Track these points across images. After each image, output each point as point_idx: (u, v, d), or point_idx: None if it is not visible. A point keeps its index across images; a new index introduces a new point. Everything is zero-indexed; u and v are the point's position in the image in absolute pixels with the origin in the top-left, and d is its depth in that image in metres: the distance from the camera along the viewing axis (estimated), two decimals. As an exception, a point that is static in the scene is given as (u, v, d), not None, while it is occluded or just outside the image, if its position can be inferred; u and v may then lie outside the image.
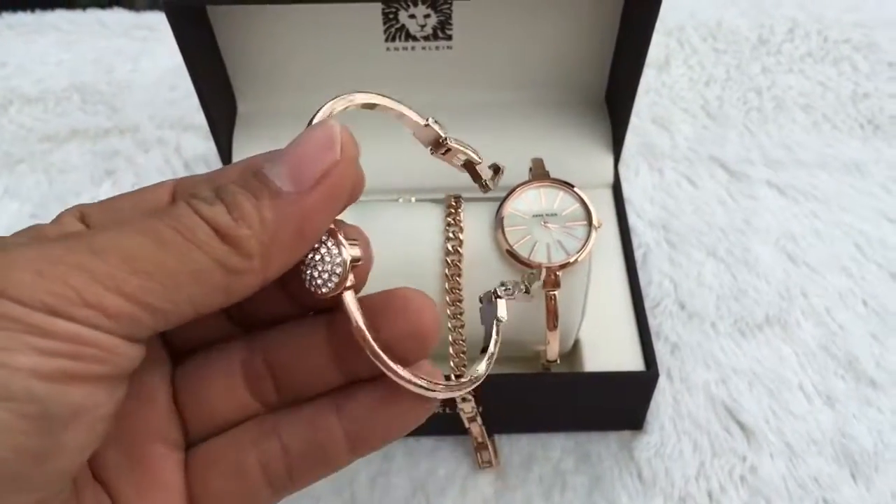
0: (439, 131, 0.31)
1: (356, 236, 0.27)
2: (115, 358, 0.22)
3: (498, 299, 0.30)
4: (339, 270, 0.25)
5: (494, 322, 0.30)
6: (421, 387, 0.26)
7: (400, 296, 0.26)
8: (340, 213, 0.26)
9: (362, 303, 0.26)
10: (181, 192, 0.27)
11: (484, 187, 0.35)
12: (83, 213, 0.26)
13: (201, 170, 0.64)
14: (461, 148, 0.33)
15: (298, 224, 0.24)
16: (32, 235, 0.25)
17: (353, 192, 0.26)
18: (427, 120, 0.31)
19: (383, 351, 0.25)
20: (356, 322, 0.25)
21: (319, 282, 0.25)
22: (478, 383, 0.28)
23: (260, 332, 0.28)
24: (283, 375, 0.28)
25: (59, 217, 0.26)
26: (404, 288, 0.27)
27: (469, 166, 0.34)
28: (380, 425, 0.27)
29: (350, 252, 0.25)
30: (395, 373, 0.25)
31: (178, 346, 0.28)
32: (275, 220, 0.23)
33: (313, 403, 0.27)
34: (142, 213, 0.25)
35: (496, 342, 0.29)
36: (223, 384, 0.27)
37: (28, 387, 0.20)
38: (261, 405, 0.28)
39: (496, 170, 0.35)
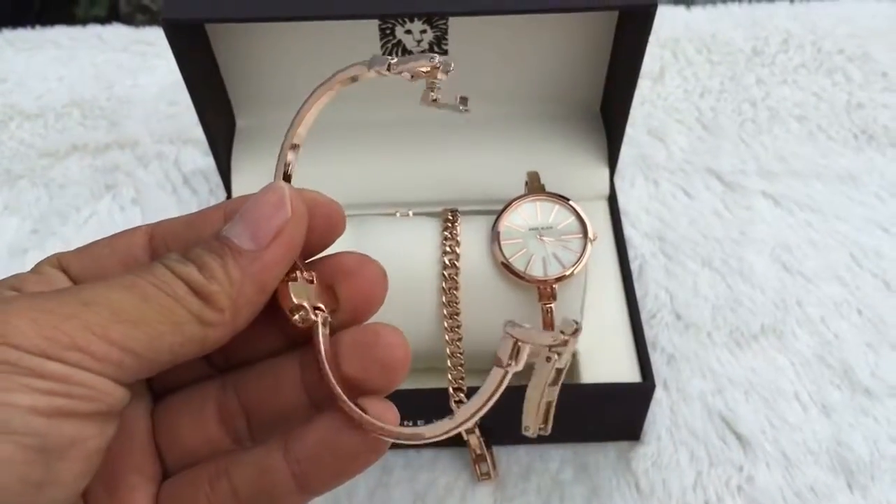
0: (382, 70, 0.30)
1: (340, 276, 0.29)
2: (104, 397, 0.24)
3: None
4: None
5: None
6: (369, 423, 0.26)
7: (371, 331, 0.28)
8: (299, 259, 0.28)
9: (338, 337, 0.28)
10: (158, 237, 0.29)
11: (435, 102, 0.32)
12: (61, 261, 0.28)
13: (201, 184, 0.64)
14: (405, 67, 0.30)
15: (260, 277, 0.26)
16: (13, 285, 0.27)
17: (334, 227, 0.29)
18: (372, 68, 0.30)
19: (342, 384, 0.27)
20: (318, 353, 0.27)
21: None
22: (421, 441, 0.28)
23: (235, 371, 0.30)
24: (256, 413, 0.29)
25: (37, 267, 0.28)
26: (378, 323, 0.28)
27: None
28: (326, 466, 0.27)
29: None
30: (346, 404, 0.26)
31: (159, 384, 0.30)
32: (240, 276, 0.26)
33: (264, 444, 0.28)
34: (120, 261, 0.28)
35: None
36: (197, 421, 0.29)
37: (27, 422, 0.22)
38: (232, 442, 0.29)
39: (463, 101, 0.33)
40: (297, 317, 0.27)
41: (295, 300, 0.27)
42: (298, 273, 0.28)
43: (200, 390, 0.30)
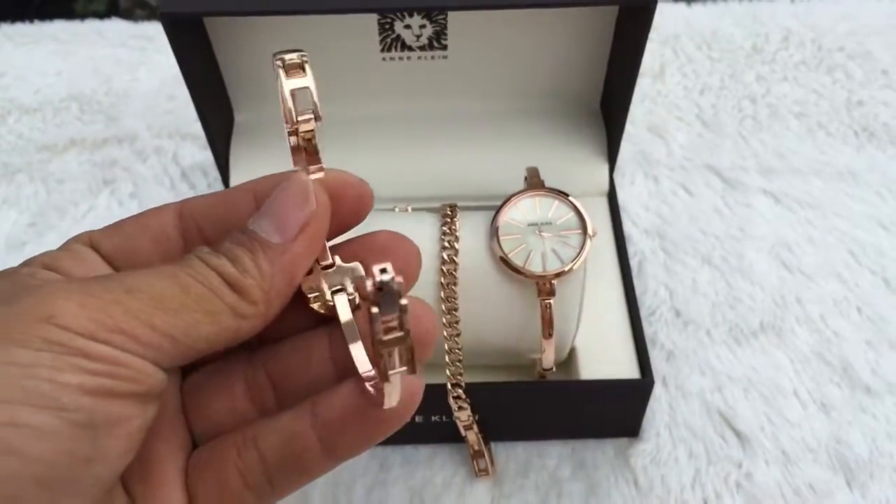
0: None
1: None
2: (146, 378, 0.25)
3: None
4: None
5: None
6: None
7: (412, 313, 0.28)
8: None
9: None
10: (187, 215, 0.30)
11: None
12: (92, 239, 0.29)
13: (199, 179, 0.64)
14: None
15: (289, 269, 0.27)
16: (47, 263, 0.27)
17: (363, 206, 0.30)
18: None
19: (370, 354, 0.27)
20: (344, 319, 0.28)
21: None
22: None
23: (264, 346, 0.31)
24: (284, 385, 0.30)
25: (68, 244, 0.29)
26: (412, 298, 0.28)
27: None
28: (353, 431, 0.28)
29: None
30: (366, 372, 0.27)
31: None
32: (270, 269, 0.27)
33: (290, 411, 0.28)
34: (152, 239, 0.29)
35: None
36: (226, 394, 0.30)
37: (76, 400, 0.23)
38: (259, 413, 0.30)
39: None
40: (317, 304, 0.29)
41: (312, 285, 0.29)
42: (315, 263, 0.29)
43: (229, 365, 0.31)
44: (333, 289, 0.29)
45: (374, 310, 0.23)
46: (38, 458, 0.22)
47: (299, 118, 0.27)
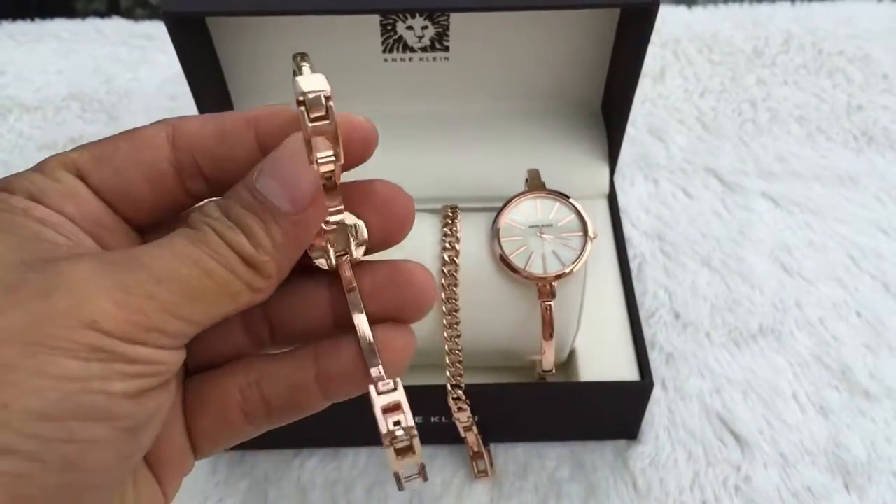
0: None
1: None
2: (174, 367, 0.25)
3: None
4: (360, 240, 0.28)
5: None
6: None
7: (404, 269, 0.29)
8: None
9: (368, 268, 0.29)
10: (182, 147, 0.28)
11: None
12: (78, 167, 0.27)
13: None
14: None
15: (301, 238, 0.27)
16: (31, 193, 0.26)
17: (366, 151, 0.28)
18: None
19: (371, 316, 0.28)
20: (347, 283, 0.28)
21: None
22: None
23: None
24: (281, 325, 0.30)
25: (51, 169, 0.27)
26: (407, 262, 0.29)
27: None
28: (355, 382, 0.29)
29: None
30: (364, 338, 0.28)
31: None
32: (283, 240, 0.26)
33: (294, 356, 0.29)
34: (145, 177, 0.27)
35: None
36: (221, 325, 0.29)
37: (123, 407, 0.24)
38: (252, 345, 0.30)
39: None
40: (321, 260, 0.29)
41: (316, 245, 0.28)
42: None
43: None
44: (338, 253, 0.29)
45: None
46: (94, 468, 0.23)
47: (319, 159, 0.26)
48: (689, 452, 0.49)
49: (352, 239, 0.28)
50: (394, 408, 0.28)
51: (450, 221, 0.45)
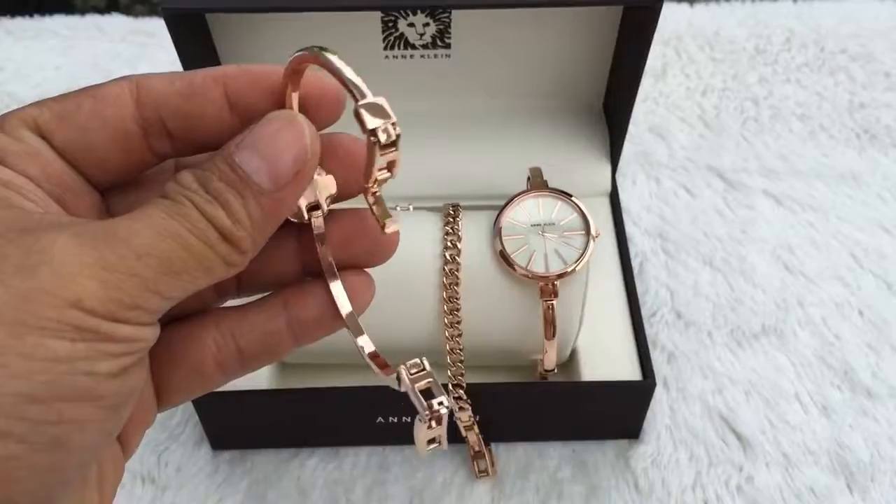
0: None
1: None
2: (152, 342, 0.25)
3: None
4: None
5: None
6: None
7: (369, 218, 0.29)
8: None
9: (335, 216, 0.30)
10: (147, 104, 0.27)
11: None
12: (40, 126, 0.26)
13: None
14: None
15: (278, 214, 0.27)
16: None
17: (335, 114, 0.29)
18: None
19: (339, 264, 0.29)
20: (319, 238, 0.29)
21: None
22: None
23: None
24: (248, 274, 0.29)
25: (11, 127, 0.26)
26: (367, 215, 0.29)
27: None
28: (324, 327, 0.30)
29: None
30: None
31: None
32: (261, 216, 0.26)
33: (264, 306, 0.30)
34: (111, 137, 0.27)
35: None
36: None
37: (109, 386, 0.24)
38: (216, 294, 0.31)
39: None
40: (292, 216, 0.29)
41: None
42: None
43: None
44: (309, 205, 0.29)
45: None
46: (81, 447, 0.24)
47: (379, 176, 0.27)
48: (691, 452, 0.49)
49: (322, 194, 0.29)
50: (427, 389, 0.29)
51: (451, 220, 0.45)
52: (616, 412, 0.48)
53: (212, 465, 0.49)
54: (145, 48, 0.75)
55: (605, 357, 0.48)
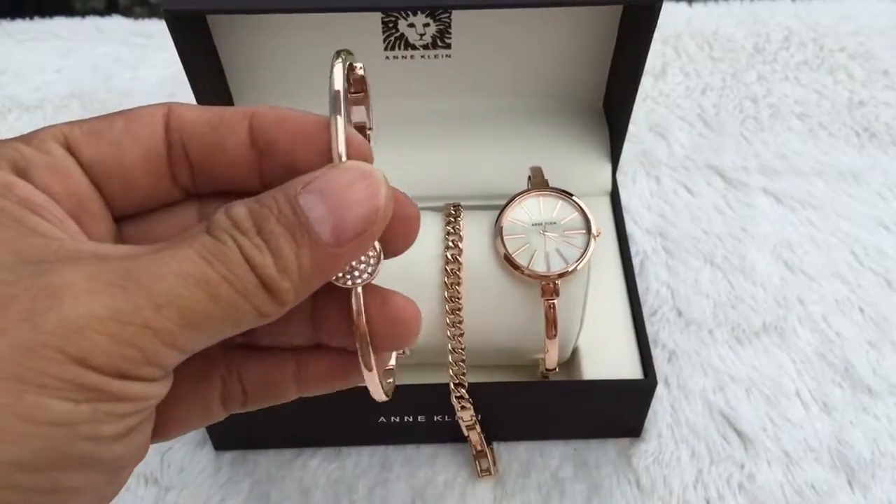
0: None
1: None
2: (162, 396, 0.24)
3: None
4: (370, 269, 0.26)
5: None
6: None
7: (393, 304, 0.27)
8: None
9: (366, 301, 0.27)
10: (174, 130, 0.26)
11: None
12: (69, 141, 0.25)
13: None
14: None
15: (329, 273, 0.25)
16: (17, 165, 0.24)
17: (409, 233, 0.28)
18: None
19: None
20: (358, 311, 0.26)
21: (348, 275, 0.26)
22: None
23: None
24: (259, 330, 0.27)
25: (42, 141, 0.25)
26: (398, 295, 0.27)
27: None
28: (330, 385, 0.29)
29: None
30: (368, 365, 0.27)
31: None
32: (311, 270, 0.24)
33: (276, 361, 0.28)
34: (143, 156, 0.26)
35: None
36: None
37: (112, 451, 0.22)
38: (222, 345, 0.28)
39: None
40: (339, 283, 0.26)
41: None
42: None
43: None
44: (360, 274, 0.26)
45: None
46: None
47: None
48: (693, 450, 0.49)
49: (371, 260, 0.26)
50: None
51: (452, 220, 0.45)
52: (617, 411, 0.49)
53: (214, 466, 0.49)
54: (145, 50, 0.75)
55: (607, 356, 0.48)
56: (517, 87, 0.57)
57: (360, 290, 0.26)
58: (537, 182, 0.47)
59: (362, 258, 0.26)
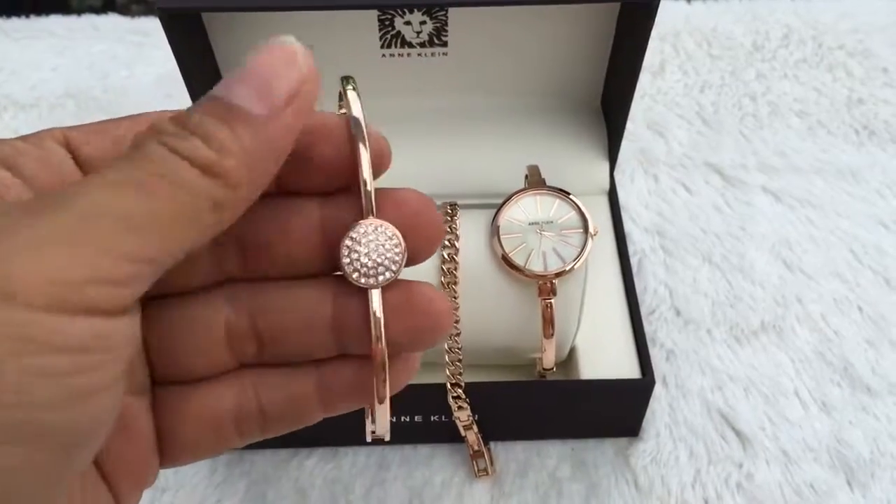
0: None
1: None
2: (125, 343, 0.20)
3: None
4: (395, 266, 0.24)
5: None
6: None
7: (425, 296, 0.25)
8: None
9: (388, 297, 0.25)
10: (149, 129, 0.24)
11: None
12: (68, 139, 0.24)
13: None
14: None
15: (275, 146, 0.22)
16: (6, 158, 0.23)
17: (381, 162, 0.25)
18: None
19: (388, 344, 0.24)
20: (376, 314, 0.24)
21: (371, 272, 0.24)
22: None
23: (247, 284, 0.26)
24: (273, 344, 0.26)
25: (39, 138, 0.24)
26: (427, 286, 0.25)
27: None
28: (356, 399, 0.26)
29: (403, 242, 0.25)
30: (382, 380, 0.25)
31: (156, 287, 0.23)
32: (253, 144, 0.22)
33: (295, 372, 0.26)
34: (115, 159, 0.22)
35: None
36: (202, 338, 0.26)
37: (56, 418, 0.18)
38: (237, 363, 0.26)
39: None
40: (360, 282, 0.25)
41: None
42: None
43: (206, 307, 0.26)
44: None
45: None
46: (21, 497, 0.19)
47: None
48: (691, 450, 0.49)
49: (396, 257, 0.25)
50: None
51: (449, 219, 0.45)
52: (615, 410, 0.48)
53: (210, 466, 0.49)
54: (142, 48, 0.75)
55: (604, 355, 0.48)
56: (514, 85, 0.57)
57: (378, 294, 0.24)
58: (534, 181, 0.46)
59: (385, 253, 0.24)
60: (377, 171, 0.25)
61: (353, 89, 0.26)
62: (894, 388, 0.51)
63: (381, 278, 0.24)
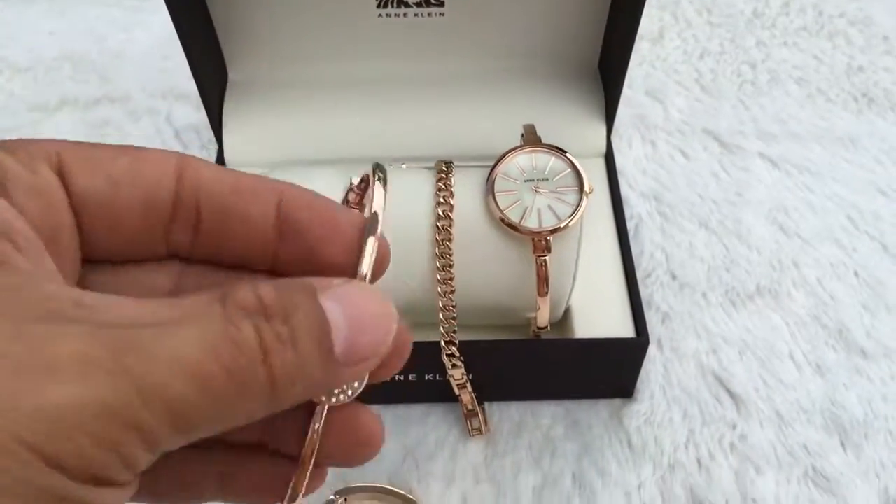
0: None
1: None
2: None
3: None
4: (351, 392, 0.24)
5: None
6: None
7: (354, 418, 0.25)
8: None
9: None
10: (188, 186, 0.24)
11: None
12: (63, 167, 0.23)
13: (192, 139, 0.63)
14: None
15: (322, 389, 0.23)
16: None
17: (399, 361, 0.25)
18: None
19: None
20: (315, 430, 0.24)
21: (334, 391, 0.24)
22: None
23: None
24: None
25: (32, 160, 0.22)
26: (360, 408, 0.25)
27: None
28: (259, 499, 0.26)
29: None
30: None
31: None
32: (315, 381, 0.21)
33: (197, 450, 0.23)
34: (141, 202, 0.23)
35: None
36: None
37: None
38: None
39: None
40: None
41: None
42: None
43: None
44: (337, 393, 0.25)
45: None
46: None
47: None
48: (685, 411, 0.49)
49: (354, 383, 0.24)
50: None
51: (444, 177, 0.44)
52: (609, 371, 0.48)
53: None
54: (139, 13, 0.74)
55: (599, 316, 0.48)
56: (511, 47, 0.57)
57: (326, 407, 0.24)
58: (530, 139, 0.46)
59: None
60: (376, 274, 0.25)
61: (380, 180, 0.25)
62: (889, 352, 0.51)
63: (333, 400, 0.24)
